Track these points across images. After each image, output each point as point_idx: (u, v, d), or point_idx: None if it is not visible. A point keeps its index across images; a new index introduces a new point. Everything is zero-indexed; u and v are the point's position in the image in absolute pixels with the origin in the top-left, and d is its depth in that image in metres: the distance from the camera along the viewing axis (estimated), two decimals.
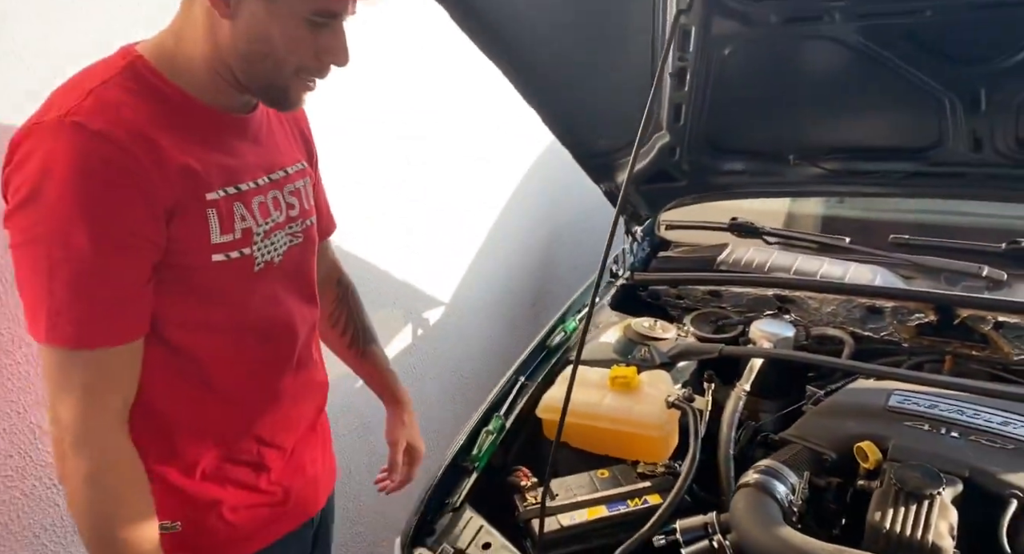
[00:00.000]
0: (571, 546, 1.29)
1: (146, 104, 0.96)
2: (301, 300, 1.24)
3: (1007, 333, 1.54)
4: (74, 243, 0.87)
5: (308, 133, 1.33)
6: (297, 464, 1.27)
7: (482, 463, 1.45)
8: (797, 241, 1.99)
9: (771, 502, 1.18)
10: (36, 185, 0.87)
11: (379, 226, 2.13)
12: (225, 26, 0.97)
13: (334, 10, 0.98)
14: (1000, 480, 1.14)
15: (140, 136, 0.92)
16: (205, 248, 1.01)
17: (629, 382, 1.56)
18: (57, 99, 0.93)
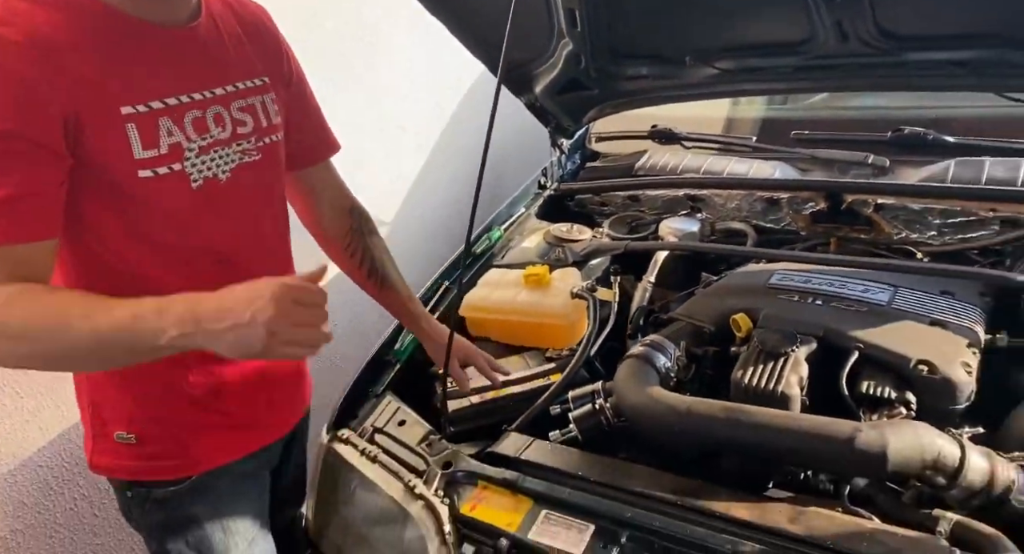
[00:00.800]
0: (479, 420, 1.45)
1: (61, 14, 0.94)
2: (262, 220, 1.22)
3: (886, 214, 1.67)
4: None
5: (283, 51, 1.28)
6: (261, 386, 1.26)
7: (404, 356, 1.59)
8: (710, 143, 2.10)
9: (650, 369, 1.33)
10: None
11: None
12: None
13: None
14: (847, 336, 1.28)
15: (39, 45, 0.91)
16: (128, 163, 0.99)
17: (541, 279, 1.70)
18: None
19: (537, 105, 2.04)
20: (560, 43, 1.77)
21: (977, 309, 1.34)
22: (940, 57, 1.41)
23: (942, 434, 1.06)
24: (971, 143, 1.65)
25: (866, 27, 1.41)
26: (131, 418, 1.17)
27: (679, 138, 2.14)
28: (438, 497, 1.20)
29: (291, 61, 1.30)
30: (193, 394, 1.17)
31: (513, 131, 2.86)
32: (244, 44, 1.19)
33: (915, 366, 1.19)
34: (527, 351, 1.63)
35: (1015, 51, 1.32)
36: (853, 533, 0.99)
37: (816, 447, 1.07)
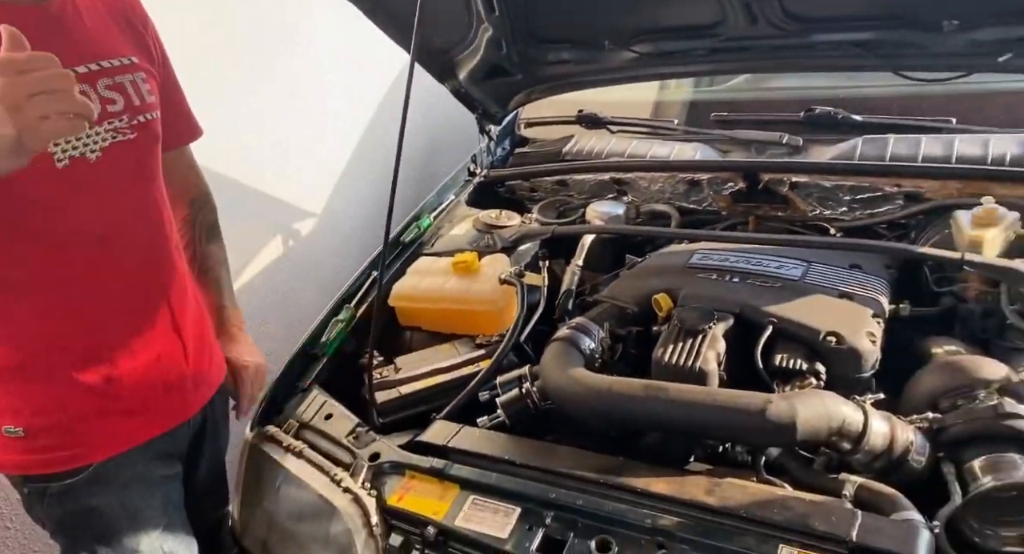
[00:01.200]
0: (408, 410, 1.44)
1: None
2: (142, 198, 1.21)
3: (801, 192, 1.72)
4: None
5: (147, 31, 1.27)
6: (156, 370, 1.23)
7: (331, 349, 1.56)
8: (634, 127, 2.13)
9: (574, 351, 1.34)
10: None
11: (240, 136, 2.13)
12: None
13: None
14: (762, 312, 1.32)
15: None
16: None
17: (469, 266, 1.70)
18: None
19: (462, 91, 2.02)
20: (480, 28, 1.76)
21: (883, 280, 1.40)
22: (842, 38, 1.46)
23: (847, 402, 1.11)
24: (876, 121, 1.72)
25: (773, 9, 1.45)
26: (16, 411, 1.13)
27: (604, 122, 2.16)
28: (365, 489, 1.20)
29: (158, 43, 1.29)
30: (83, 381, 1.15)
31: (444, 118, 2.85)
32: (108, 23, 1.17)
33: (824, 338, 1.24)
34: (457, 339, 1.63)
35: (909, 31, 1.38)
36: (765, 501, 1.02)
37: (730, 420, 1.11)
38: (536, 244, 1.85)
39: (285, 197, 2.34)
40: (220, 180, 2.09)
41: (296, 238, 2.36)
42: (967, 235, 1.33)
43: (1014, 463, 1.02)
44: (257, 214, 2.23)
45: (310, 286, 2.37)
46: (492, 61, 1.87)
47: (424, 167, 2.91)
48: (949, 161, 1.53)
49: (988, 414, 1.06)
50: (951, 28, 1.33)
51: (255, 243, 2.22)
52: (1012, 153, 1.50)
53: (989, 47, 1.34)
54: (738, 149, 1.90)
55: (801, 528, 0.96)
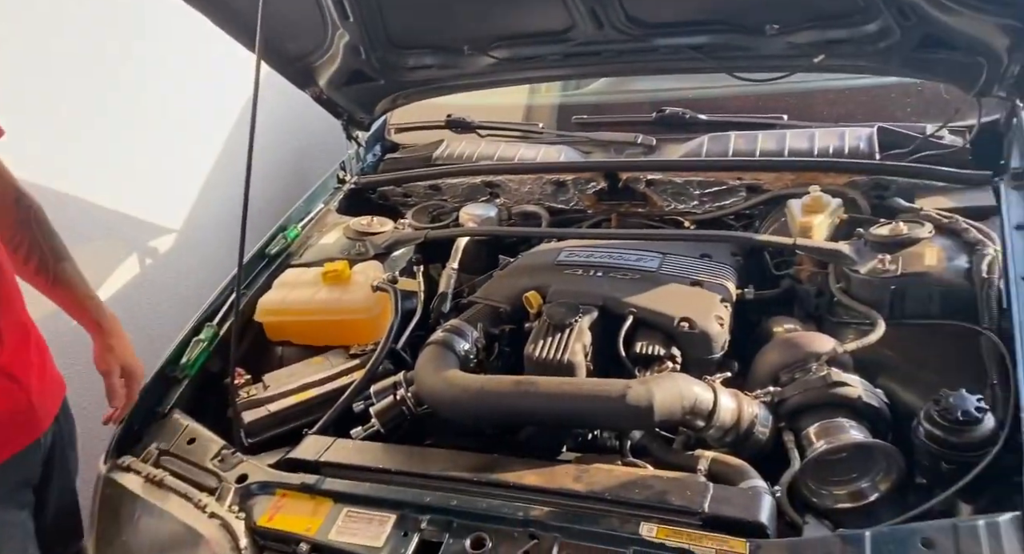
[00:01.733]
0: (280, 428, 1.39)
1: None
2: None
3: (657, 189, 1.82)
4: None
5: None
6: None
7: (193, 370, 1.49)
8: (502, 131, 2.17)
9: (449, 354, 1.35)
10: None
11: (82, 151, 1.98)
12: None
13: None
14: (623, 303, 1.39)
15: None
16: None
17: (340, 274, 1.66)
18: None
19: (325, 98, 1.99)
20: (336, 34, 1.73)
21: (729, 268, 1.51)
22: (680, 42, 1.56)
23: (698, 382, 1.18)
24: (720, 120, 1.85)
25: (617, 15, 1.52)
26: None
27: (473, 127, 2.19)
28: (232, 512, 1.15)
29: None
30: None
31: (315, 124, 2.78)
32: None
33: (678, 323, 1.32)
34: (330, 350, 1.59)
35: (737, 35, 1.50)
36: (628, 482, 1.08)
37: (594, 408, 1.16)
38: (410, 249, 1.85)
39: (141, 214, 2.20)
40: (67, 199, 1.95)
41: (154, 256, 2.23)
42: (798, 221, 1.46)
43: (842, 427, 1.12)
44: (111, 233, 2.08)
45: (171, 306, 2.24)
46: (352, 67, 1.85)
47: (294, 176, 2.82)
48: (782, 154, 1.68)
49: (818, 384, 1.16)
50: (772, 32, 1.45)
51: (109, 263, 2.07)
52: (835, 146, 1.66)
53: (806, 49, 1.48)
54: (599, 150, 1.98)
55: (660, 504, 1.02)
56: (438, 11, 1.65)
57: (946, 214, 1.40)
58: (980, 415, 1.03)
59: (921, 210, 1.44)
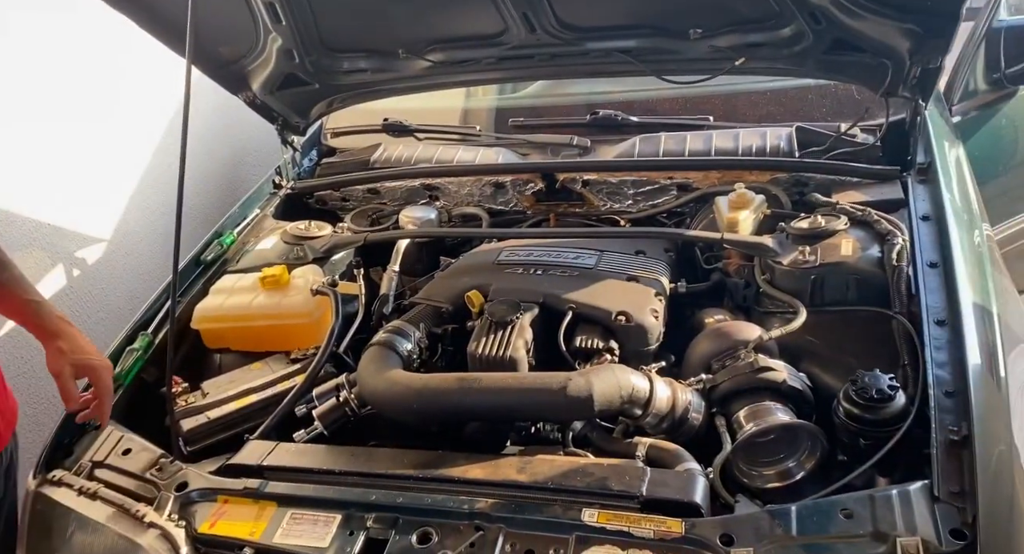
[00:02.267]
0: (219, 435, 1.38)
1: None
2: None
3: (593, 189, 1.87)
4: None
5: None
6: None
7: (127, 380, 1.45)
8: (439, 134, 2.18)
9: (392, 354, 1.36)
10: None
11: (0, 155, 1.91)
12: None
13: None
14: (562, 299, 1.43)
15: None
16: None
17: (279, 279, 1.64)
18: None
19: (258, 103, 1.96)
20: (268, 38, 1.72)
21: (663, 263, 1.56)
22: (610, 46, 1.61)
23: (635, 372, 1.23)
24: (651, 121, 1.91)
25: (548, 19, 1.56)
26: None
27: (411, 130, 2.20)
28: (172, 521, 1.13)
29: None
30: None
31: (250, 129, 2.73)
32: None
33: (615, 317, 1.37)
34: (270, 356, 1.57)
35: (663, 39, 1.56)
36: (570, 471, 1.11)
37: (536, 400, 1.19)
38: (350, 253, 1.84)
39: (67, 222, 2.12)
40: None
41: (82, 266, 2.15)
42: (725, 217, 1.53)
43: (770, 409, 1.19)
44: (33, 242, 2.00)
45: (103, 317, 2.17)
46: (285, 71, 1.84)
47: (228, 181, 2.76)
48: (710, 154, 1.75)
49: (747, 370, 1.22)
50: (696, 36, 1.52)
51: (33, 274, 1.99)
52: (757, 145, 1.74)
53: (727, 53, 1.55)
54: (536, 152, 2.02)
55: (600, 491, 1.05)
56: (372, 14, 1.66)
57: (859, 207, 1.49)
58: (892, 393, 1.10)
59: (837, 204, 1.53)
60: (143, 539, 1.11)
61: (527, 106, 2.27)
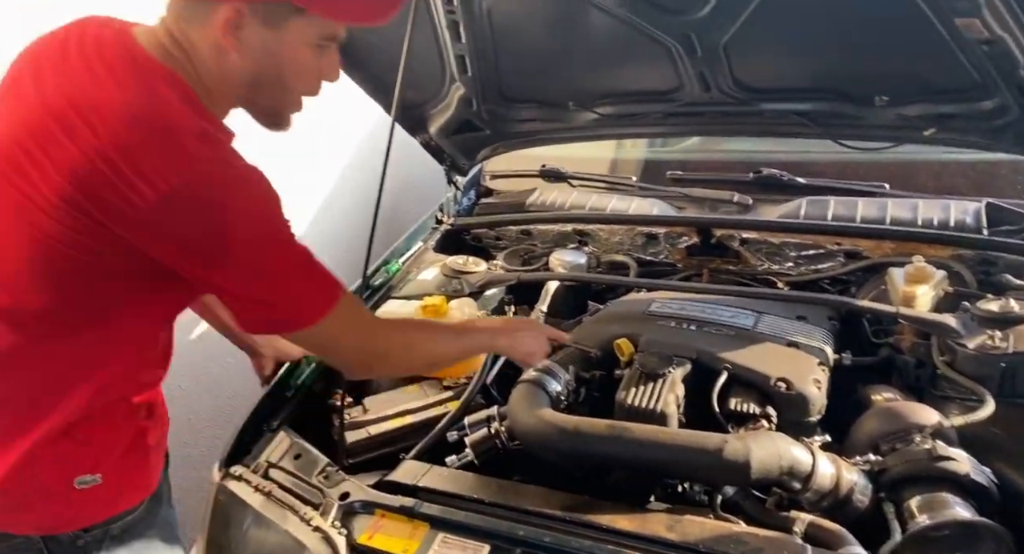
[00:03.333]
0: (377, 450, 1.46)
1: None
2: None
3: (751, 247, 1.84)
4: None
5: None
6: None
7: (302, 388, 1.58)
8: (594, 182, 2.24)
9: (541, 393, 1.39)
10: None
11: None
12: (233, 56, 0.97)
13: (339, 34, 1.03)
14: (717, 358, 1.41)
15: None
16: None
17: (438, 309, 1.74)
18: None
19: (432, 144, 2.11)
20: (452, 87, 1.85)
21: (826, 331, 1.50)
22: (786, 107, 1.60)
23: (796, 443, 1.18)
24: (818, 184, 1.86)
25: (725, 79, 1.58)
26: (96, 457, 1.09)
27: (566, 177, 2.28)
28: (335, 528, 1.20)
29: None
30: (138, 416, 1.15)
31: (410, 167, 2.93)
32: None
33: (774, 383, 1.33)
34: (424, 381, 1.66)
35: (845, 104, 1.53)
36: (722, 536, 1.08)
37: (689, 459, 1.17)
38: (502, 290, 1.92)
39: None
40: None
41: None
42: (900, 290, 1.45)
43: (947, 502, 1.10)
44: None
45: None
46: (462, 117, 1.97)
47: (393, 212, 2.96)
48: (884, 223, 1.68)
49: (923, 456, 1.14)
50: (881, 103, 1.48)
51: None
52: (938, 218, 1.65)
53: (915, 122, 1.49)
54: (692, 206, 2.02)
55: None
56: (550, 68, 1.75)
57: None
58: None
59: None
60: (309, 541, 1.19)
61: (678, 160, 2.28)
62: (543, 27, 1.63)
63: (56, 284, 0.96)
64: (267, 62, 1.00)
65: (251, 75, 1.01)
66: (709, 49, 1.49)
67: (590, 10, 1.49)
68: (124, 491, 1.15)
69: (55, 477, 1.07)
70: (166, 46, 0.99)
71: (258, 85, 1.02)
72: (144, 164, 0.87)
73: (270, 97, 1.05)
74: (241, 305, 1.01)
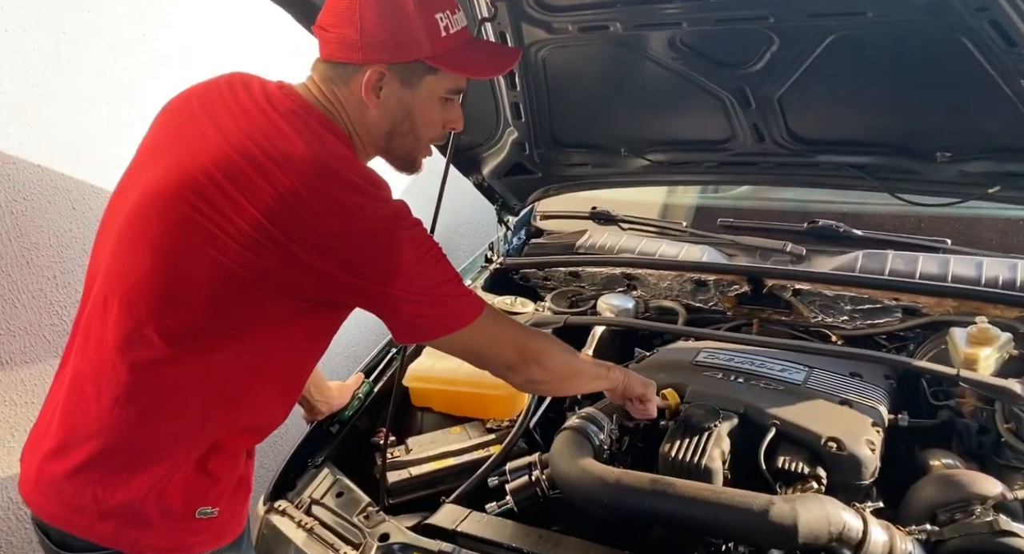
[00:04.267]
0: (419, 492, 1.47)
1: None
2: None
3: (804, 299, 1.80)
4: None
5: None
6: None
7: (349, 422, 1.61)
8: (645, 226, 2.24)
9: (584, 441, 1.39)
10: None
11: None
12: (373, 112, 1.11)
13: (462, 88, 1.16)
14: (766, 413, 1.37)
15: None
16: None
17: None
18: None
19: (485, 185, 2.15)
20: (506, 131, 1.89)
21: (882, 390, 1.46)
22: (843, 160, 1.58)
23: (847, 508, 1.14)
24: (876, 237, 1.82)
25: (779, 131, 1.58)
26: (219, 494, 1.15)
27: (616, 220, 2.28)
28: None
29: None
30: (247, 454, 1.22)
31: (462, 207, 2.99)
32: None
33: (825, 443, 1.29)
34: (468, 422, 1.67)
35: (905, 159, 1.50)
36: None
37: (733, 519, 1.14)
38: (549, 332, 1.92)
39: None
40: None
41: None
42: (962, 352, 1.40)
43: None
44: None
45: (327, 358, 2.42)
46: (515, 160, 2.01)
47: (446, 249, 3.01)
48: (945, 280, 1.62)
49: (984, 530, 1.09)
50: (944, 159, 1.45)
51: None
52: (1004, 277, 1.59)
53: (979, 179, 1.45)
54: (743, 254, 1.99)
55: None
56: (602, 115, 1.78)
57: None
58: None
59: None
60: None
61: (730, 207, 2.27)
62: (596, 77, 1.66)
63: (224, 302, 1.04)
64: (402, 116, 1.13)
65: (388, 127, 1.14)
66: (763, 101, 1.49)
67: (644, 62, 1.52)
68: (230, 525, 1.20)
69: (182, 504, 1.12)
70: (322, 102, 1.12)
71: (393, 136, 1.15)
72: (329, 200, 1.01)
73: (403, 146, 1.18)
74: (403, 317, 1.11)
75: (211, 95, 1.12)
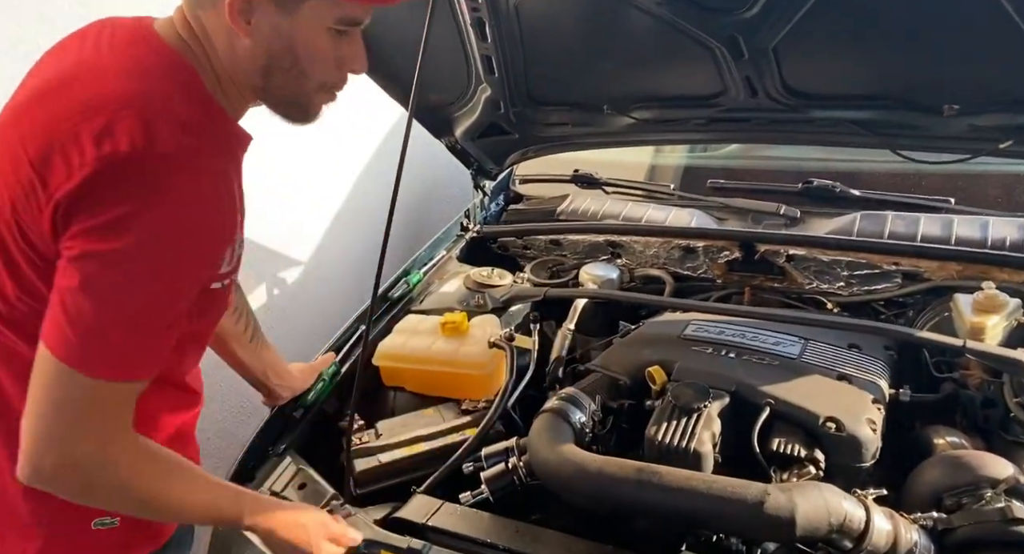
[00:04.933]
0: (390, 480, 1.37)
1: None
2: None
3: (798, 265, 1.70)
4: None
5: None
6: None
7: (313, 405, 1.51)
8: (630, 189, 2.12)
9: (564, 425, 1.29)
10: None
11: None
12: (245, 42, 0.93)
13: (358, 17, 0.96)
14: (759, 391, 1.28)
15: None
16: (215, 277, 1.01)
17: (458, 327, 1.64)
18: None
19: (458, 147, 2.01)
20: (479, 88, 1.75)
21: (882, 363, 1.36)
22: (842, 115, 1.46)
23: (848, 497, 1.05)
24: (875, 197, 1.71)
25: (774, 84, 1.45)
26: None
27: (600, 183, 2.16)
28: None
29: None
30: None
31: (439, 170, 2.85)
32: None
33: (823, 423, 1.20)
34: (442, 403, 1.57)
35: (909, 113, 1.38)
36: None
37: (726, 511, 1.05)
38: (527, 305, 1.81)
39: (272, 244, 2.30)
40: None
41: (281, 286, 2.31)
42: (968, 321, 1.31)
43: None
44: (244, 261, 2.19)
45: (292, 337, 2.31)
46: (489, 120, 1.87)
47: (417, 219, 2.88)
48: (948, 242, 1.52)
49: (995, 518, 1.01)
50: (951, 113, 1.33)
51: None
52: (1012, 238, 1.49)
53: (989, 133, 1.34)
54: (734, 218, 1.89)
55: None
56: (584, 70, 1.64)
57: None
58: None
59: None
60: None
61: (720, 167, 2.15)
62: (576, 26, 1.51)
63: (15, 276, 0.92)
64: (280, 47, 0.94)
65: (264, 61, 0.95)
66: (757, 52, 1.36)
67: (627, 9, 1.37)
68: (135, 540, 1.11)
69: (78, 513, 1.01)
70: (181, 35, 0.96)
71: (271, 72, 0.96)
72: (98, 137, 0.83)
73: (285, 85, 0.99)
74: (61, 309, 0.85)
75: (61, 42, 1.00)
